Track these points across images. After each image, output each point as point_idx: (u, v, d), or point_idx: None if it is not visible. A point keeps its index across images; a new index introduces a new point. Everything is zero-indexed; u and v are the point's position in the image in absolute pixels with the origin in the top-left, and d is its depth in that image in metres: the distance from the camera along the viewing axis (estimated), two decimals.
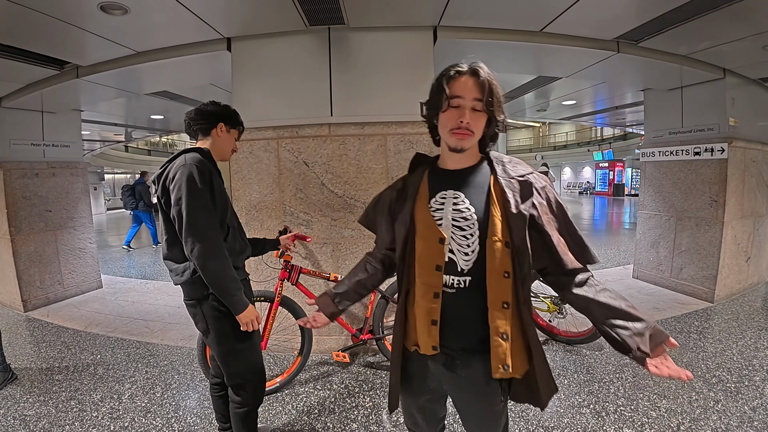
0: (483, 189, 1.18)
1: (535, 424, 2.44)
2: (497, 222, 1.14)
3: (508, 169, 1.20)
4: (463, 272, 1.16)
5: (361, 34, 3.21)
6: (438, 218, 1.19)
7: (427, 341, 1.21)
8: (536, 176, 1.20)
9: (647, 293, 4.90)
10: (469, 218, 1.16)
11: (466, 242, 1.16)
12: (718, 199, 4.43)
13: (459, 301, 1.18)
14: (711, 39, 3.51)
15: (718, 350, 3.33)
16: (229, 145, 1.96)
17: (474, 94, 1.12)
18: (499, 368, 1.14)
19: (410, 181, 1.30)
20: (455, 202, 1.18)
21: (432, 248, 1.19)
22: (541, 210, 1.16)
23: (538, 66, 4.41)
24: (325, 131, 3.26)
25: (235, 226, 1.92)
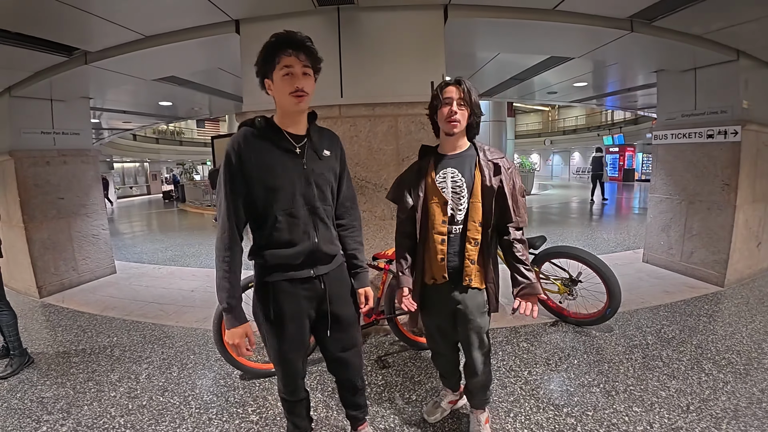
0: (471, 167, 1.83)
1: (546, 402, 2.47)
2: (477, 189, 1.80)
3: (487, 155, 1.84)
4: (458, 222, 1.83)
5: (370, 14, 3.18)
6: (442, 188, 1.84)
7: (439, 273, 1.86)
8: (505, 161, 1.84)
9: (657, 277, 4.88)
10: (461, 185, 1.81)
11: (460, 202, 1.82)
12: (730, 182, 4.37)
13: (454, 242, 1.84)
14: (725, 19, 3.43)
15: (728, 333, 3.32)
16: (282, 94, 1.50)
17: (458, 95, 1.76)
18: (466, 280, 1.83)
19: (422, 164, 1.93)
20: (453, 176, 1.83)
21: (440, 208, 1.83)
22: (505, 183, 1.79)
23: (550, 46, 4.33)
24: (335, 113, 3.25)
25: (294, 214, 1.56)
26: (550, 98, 8.26)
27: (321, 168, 1.62)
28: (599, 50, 4.19)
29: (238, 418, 2.44)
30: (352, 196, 1.83)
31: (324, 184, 1.63)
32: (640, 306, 3.94)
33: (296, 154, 1.57)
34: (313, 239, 1.60)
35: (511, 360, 3.00)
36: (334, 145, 1.72)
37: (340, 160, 1.74)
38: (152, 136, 27.19)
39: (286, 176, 1.53)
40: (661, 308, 3.90)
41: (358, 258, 1.82)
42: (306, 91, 1.48)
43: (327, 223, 1.65)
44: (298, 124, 1.59)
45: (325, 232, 1.64)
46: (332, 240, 1.68)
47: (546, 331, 3.48)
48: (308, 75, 1.50)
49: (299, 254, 1.58)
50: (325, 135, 1.70)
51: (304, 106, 1.52)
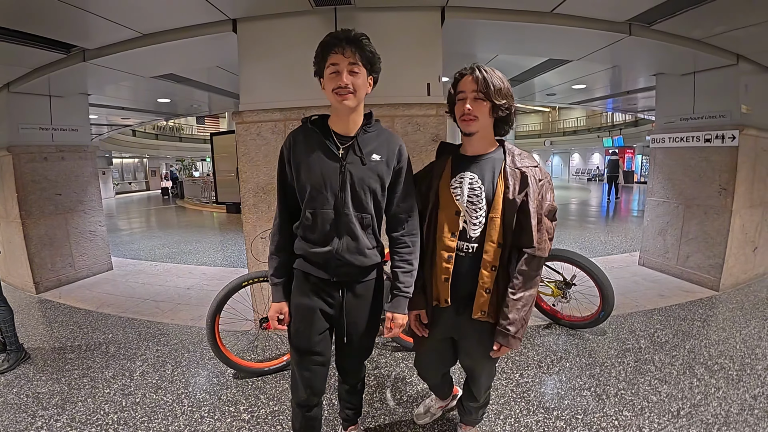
0: (494, 173, 1.52)
1: (536, 404, 2.47)
2: (499, 202, 1.49)
3: (516, 160, 1.53)
4: (472, 239, 1.53)
5: (367, 15, 3.17)
6: (456, 194, 1.55)
7: (441, 295, 1.60)
8: (537, 170, 1.53)
9: (652, 280, 4.89)
10: (480, 195, 1.51)
11: (476, 215, 1.52)
12: (727, 187, 4.37)
13: (466, 263, 1.55)
14: (725, 23, 3.43)
15: (722, 338, 3.33)
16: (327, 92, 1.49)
17: (472, 87, 1.46)
18: (478, 312, 1.55)
19: (437, 164, 1.66)
20: (470, 182, 1.54)
21: (450, 218, 1.55)
22: (532, 198, 1.47)
23: (547, 48, 4.34)
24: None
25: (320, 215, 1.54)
26: (549, 100, 8.27)
27: (363, 173, 1.51)
28: (598, 53, 4.19)
29: (230, 416, 2.44)
30: (408, 209, 1.62)
31: (364, 190, 1.52)
32: (634, 309, 3.95)
33: (337, 156, 1.50)
34: (334, 245, 1.53)
35: (502, 361, 3.01)
36: (389, 151, 1.56)
37: (393, 168, 1.57)
38: (152, 132, 27.14)
39: (321, 176, 1.50)
40: (655, 312, 3.91)
41: (400, 279, 1.59)
42: (350, 89, 1.42)
43: (357, 231, 1.54)
44: (346, 124, 1.53)
45: (351, 241, 1.54)
46: (362, 250, 1.56)
47: (539, 333, 3.49)
48: (356, 72, 1.44)
49: (319, 255, 1.55)
50: (380, 138, 1.57)
51: (350, 104, 1.45)
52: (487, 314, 1.54)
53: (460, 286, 1.56)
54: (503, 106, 1.47)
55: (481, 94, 1.44)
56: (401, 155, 1.59)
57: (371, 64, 1.49)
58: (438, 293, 1.61)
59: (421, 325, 1.72)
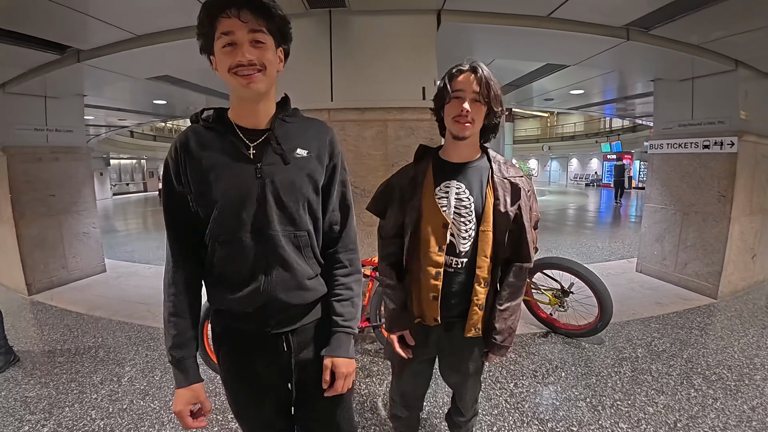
0: (481, 183, 1.40)
1: (530, 416, 2.43)
2: (489, 213, 1.38)
3: (503, 169, 1.42)
4: (461, 254, 1.40)
5: (362, 18, 3.15)
6: (443, 205, 1.40)
7: (429, 314, 1.44)
8: (524, 180, 1.44)
9: (650, 287, 4.85)
10: (468, 206, 1.38)
11: (465, 228, 1.39)
12: (726, 194, 4.34)
13: (456, 279, 1.42)
14: (724, 29, 3.41)
15: (720, 347, 3.29)
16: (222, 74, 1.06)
17: (473, 88, 1.31)
18: (472, 330, 1.43)
19: (418, 169, 1.46)
20: (458, 192, 1.40)
21: (437, 232, 1.39)
22: (525, 210, 1.40)
23: (545, 53, 4.33)
24: (324, 117, 3.21)
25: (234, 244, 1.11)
26: (547, 105, 8.26)
27: (288, 175, 1.12)
28: (595, 58, 4.17)
29: (218, 424, 2.40)
30: (344, 217, 1.27)
31: (292, 199, 1.12)
32: (631, 317, 3.91)
33: (247, 156, 1.10)
34: (261, 282, 1.11)
35: (497, 371, 2.96)
36: (318, 142, 1.19)
37: (326, 164, 1.20)
38: (150, 133, 27.08)
39: (231, 189, 1.08)
40: (652, 320, 3.87)
41: (337, 311, 1.23)
42: (257, 66, 1.02)
43: (290, 257, 1.13)
44: (255, 115, 1.12)
45: (283, 273, 1.13)
46: (300, 282, 1.16)
47: (534, 341, 3.44)
48: (261, 43, 1.03)
49: (242, 302, 1.13)
50: (304, 128, 1.20)
51: (260, 87, 1.05)
52: (480, 331, 1.44)
53: (449, 304, 1.43)
54: (498, 114, 1.38)
55: (481, 96, 1.31)
56: (334, 148, 1.22)
57: (281, 31, 1.09)
58: (423, 312, 1.46)
59: (405, 347, 1.53)
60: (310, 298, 1.20)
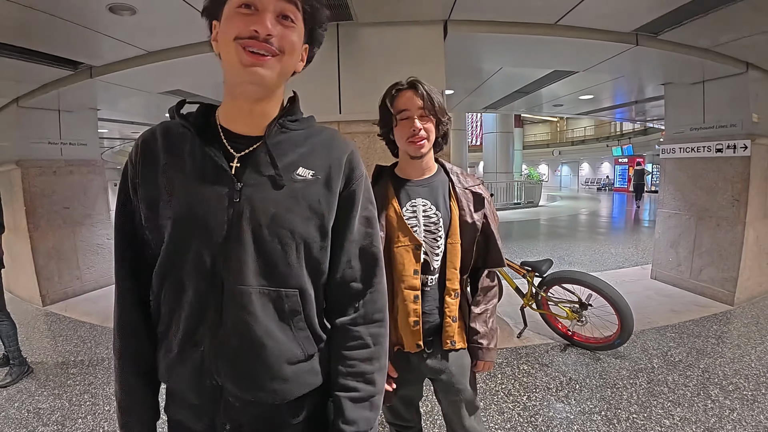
0: (444, 196, 1.38)
1: (544, 430, 2.39)
2: (456, 225, 1.36)
3: (462, 180, 1.41)
4: (434, 271, 1.37)
5: (369, 30, 3.17)
6: (413, 225, 1.35)
7: (411, 340, 1.35)
8: (483, 188, 1.43)
9: (665, 295, 4.77)
10: (437, 222, 1.36)
11: (437, 244, 1.36)
12: (740, 198, 4.26)
13: (430, 297, 1.38)
14: (733, 32, 3.38)
15: (736, 356, 3.21)
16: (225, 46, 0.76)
17: (417, 104, 1.29)
18: (447, 343, 1.38)
19: (377, 192, 1.27)
20: (425, 210, 1.37)
21: (410, 254, 1.34)
22: (491, 219, 1.40)
23: (553, 60, 4.31)
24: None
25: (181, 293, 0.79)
26: (557, 110, 8.21)
27: (278, 204, 0.78)
28: (604, 64, 4.15)
29: None
30: (369, 272, 0.89)
31: (282, 239, 0.78)
32: (646, 326, 3.83)
33: (226, 172, 0.78)
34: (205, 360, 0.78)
35: (510, 383, 2.92)
36: (329, 160, 0.85)
37: (340, 191, 0.85)
38: None
39: (184, 213, 0.77)
40: (668, 329, 3.79)
41: (350, 420, 0.81)
42: (274, 46, 0.75)
43: (265, 329, 0.77)
44: (250, 116, 0.82)
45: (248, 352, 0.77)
46: (275, 370, 0.78)
47: (548, 353, 3.39)
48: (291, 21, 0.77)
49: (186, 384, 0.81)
50: (311, 140, 0.87)
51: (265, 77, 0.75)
52: (456, 342, 1.39)
53: (427, 323, 1.37)
54: (445, 122, 1.36)
55: (427, 111, 1.29)
56: (353, 170, 0.87)
57: (317, 24, 0.84)
58: (401, 339, 1.37)
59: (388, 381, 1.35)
60: (288, 394, 0.81)
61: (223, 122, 0.84)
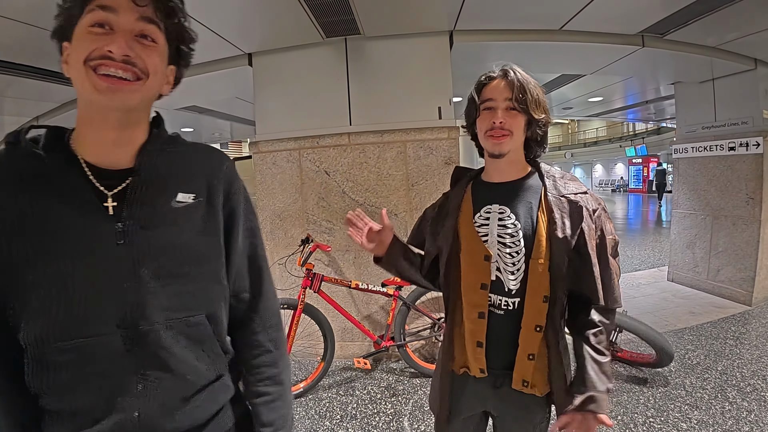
0: (532, 204, 1.13)
1: None
2: (543, 242, 1.09)
3: (559, 185, 1.15)
4: (511, 293, 1.12)
5: (377, 43, 3.25)
6: (483, 234, 1.15)
7: (474, 364, 1.18)
8: (589, 198, 1.14)
9: (683, 297, 4.71)
10: (515, 235, 1.11)
11: (512, 260, 1.11)
12: (754, 196, 4.21)
13: (507, 323, 1.14)
14: (740, 29, 3.37)
15: (755, 357, 3.16)
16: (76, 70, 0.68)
17: (505, 95, 1.09)
18: (520, 383, 1.13)
19: (452, 195, 1.25)
20: (501, 217, 1.14)
21: (477, 265, 1.15)
22: (589, 236, 1.10)
23: (559, 64, 4.33)
24: (344, 140, 3.31)
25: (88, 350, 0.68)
26: (567, 113, 8.19)
27: (163, 236, 0.74)
28: (611, 66, 4.15)
29: None
30: (257, 282, 0.90)
31: (180, 270, 0.75)
32: (664, 329, 3.79)
33: (103, 212, 0.70)
34: (131, 408, 0.70)
35: None
36: (207, 178, 0.82)
37: (222, 206, 0.83)
38: None
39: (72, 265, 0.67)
40: (686, 331, 3.75)
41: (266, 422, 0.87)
42: (134, 67, 0.68)
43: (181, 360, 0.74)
44: (117, 145, 0.74)
45: (170, 387, 0.73)
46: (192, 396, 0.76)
47: None
48: (151, 41, 0.71)
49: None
50: (186, 160, 0.82)
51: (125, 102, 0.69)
52: (531, 385, 1.14)
53: (499, 352, 1.15)
54: (541, 122, 1.14)
55: (516, 103, 1.09)
56: (231, 183, 0.85)
57: (181, 42, 0.78)
58: (466, 361, 1.20)
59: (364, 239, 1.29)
60: (209, 412, 0.80)
61: (84, 155, 0.72)
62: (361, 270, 3.42)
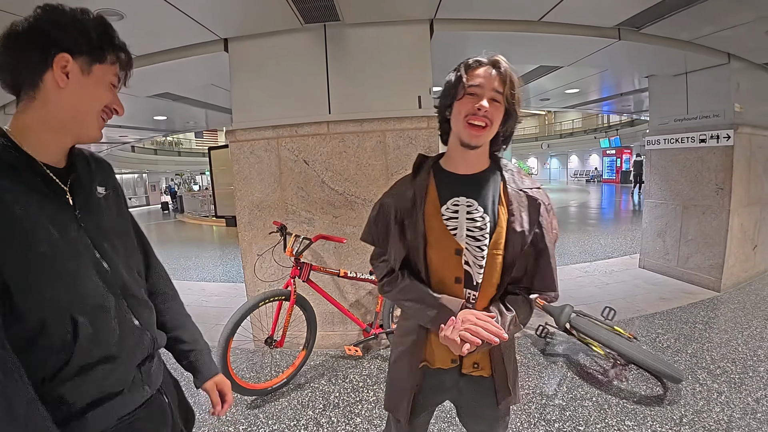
0: (494, 197, 1.14)
1: (537, 417, 2.45)
2: (502, 234, 1.11)
3: (517, 180, 1.17)
4: (477, 286, 1.13)
5: (356, 30, 3.19)
6: (452, 227, 1.12)
7: (446, 355, 1.19)
8: (543, 193, 1.18)
9: (654, 283, 4.87)
10: (483, 228, 1.11)
11: (481, 253, 1.11)
12: (724, 186, 4.37)
13: None
14: (714, 24, 3.45)
15: (723, 340, 3.30)
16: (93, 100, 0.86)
17: (494, 85, 1.06)
18: (470, 366, 1.21)
19: (416, 185, 1.18)
20: (469, 210, 1.12)
21: (448, 260, 1.13)
22: (546, 229, 1.14)
23: (538, 55, 4.36)
24: (324, 129, 3.26)
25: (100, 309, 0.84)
26: (544, 104, 8.29)
27: (106, 221, 0.93)
28: (588, 58, 4.21)
29: None
30: (148, 244, 1.13)
31: (125, 249, 0.97)
32: (635, 314, 3.92)
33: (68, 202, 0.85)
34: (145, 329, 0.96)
35: None
36: (104, 170, 1.00)
37: (123, 198, 1.05)
38: (150, 147, 27.32)
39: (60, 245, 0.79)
40: (656, 316, 3.88)
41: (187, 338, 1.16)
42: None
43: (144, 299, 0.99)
44: (65, 148, 0.88)
45: (149, 315, 1.00)
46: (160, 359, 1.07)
47: (539, 343, 3.46)
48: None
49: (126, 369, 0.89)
50: (88, 159, 0.97)
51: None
52: (480, 367, 1.21)
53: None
54: (518, 119, 1.16)
55: (503, 97, 1.07)
56: (112, 170, 1.04)
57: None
58: (435, 354, 1.22)
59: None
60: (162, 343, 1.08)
61: (37, 155, 0.82)
62: (341, 259, 3.41)
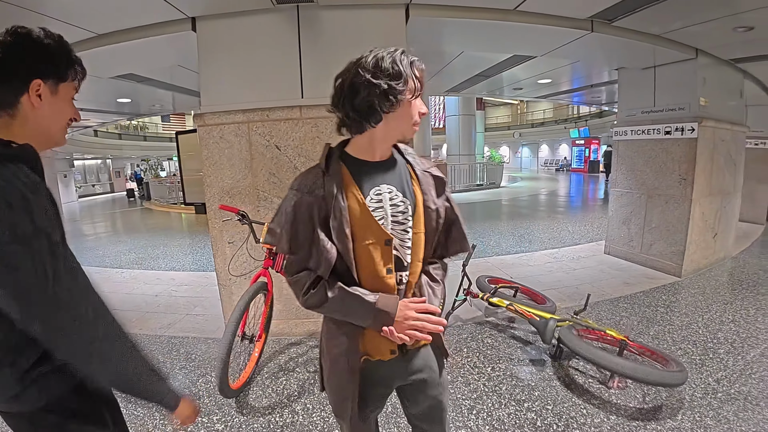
0: (407, 181, 1.18)
1: (508, 397, 2.52)
2: (420, 213, 1.18)
3: (419, 161, 1.24)
4: (407, 267, 1.18)
5: (330, 13, 3.12)
6: (379, 217, 1.12)
7: (385, 346, 1.18)
8: (439, 170, 1.26)
9: (618, 269, 5.05)
10: (405, 211, 1.15)
11: (407, 236, 1.16)
12: (687, 177, 4.55)
13: (402, 295, 1.18)
14: (684, 19, 3.55)
15: (684, 323, 3.47)
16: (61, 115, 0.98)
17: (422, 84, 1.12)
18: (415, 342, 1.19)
19: (333, 178, 1.10)
20: (391, 197, 1.14)
21: (379, 251, 1.12)
22: (451, 199, 1.26)
23: (512, 45, 4.41)
24: (296, 114, 3.19)
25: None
26: (517, 94, 8.40)
27: None
28: (561, 49, 4.27)
29: (204, 427, 2.39)
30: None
31: None
32: (600, 298, 4.07)
33: None
34: None
35: (475, 356, 3.05)
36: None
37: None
38: (114, 131, 26.21)
39: None
40: (620, 300, 4.04)
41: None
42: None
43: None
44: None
45: None
46: None
47: (510, 327, 3.55)
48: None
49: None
50: None
51: None
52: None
53: None
54: None
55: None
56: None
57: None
58: (375, 345, 1.19)
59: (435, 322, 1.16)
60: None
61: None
62: None
